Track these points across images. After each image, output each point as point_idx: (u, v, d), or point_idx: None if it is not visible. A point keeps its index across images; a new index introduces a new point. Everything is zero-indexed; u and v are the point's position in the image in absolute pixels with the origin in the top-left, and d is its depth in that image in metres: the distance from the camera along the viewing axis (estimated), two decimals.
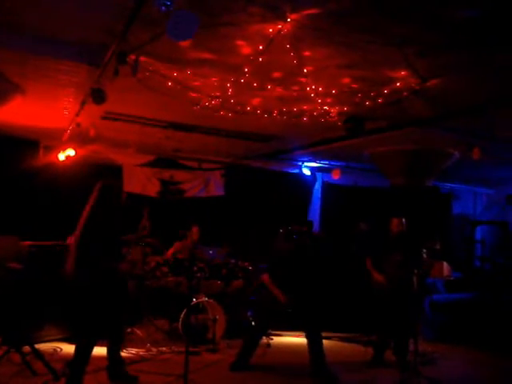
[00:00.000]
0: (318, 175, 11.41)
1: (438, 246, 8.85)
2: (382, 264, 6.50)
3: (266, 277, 6.15)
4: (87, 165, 9.09)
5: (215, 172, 10.50)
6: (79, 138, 7.93)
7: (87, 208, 4.87)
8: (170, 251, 8.14)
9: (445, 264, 9.01)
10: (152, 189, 9.78)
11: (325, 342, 5.86)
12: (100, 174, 9.04)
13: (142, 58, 4.79)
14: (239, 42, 4.46)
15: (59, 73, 5.40)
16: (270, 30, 4.14)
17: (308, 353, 5.75)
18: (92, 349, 4.73)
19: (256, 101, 6.10)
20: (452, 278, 9.35)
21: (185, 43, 4.33)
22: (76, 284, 4.73)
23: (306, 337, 5.83)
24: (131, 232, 6.53)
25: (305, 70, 4.98)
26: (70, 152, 8.76)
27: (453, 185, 12.47)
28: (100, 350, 4.88)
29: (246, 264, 8.01)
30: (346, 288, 8.48)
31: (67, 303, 6.11)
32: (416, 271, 6.36)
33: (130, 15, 3.75)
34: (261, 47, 4.45)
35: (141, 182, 9.68)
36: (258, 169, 10.68)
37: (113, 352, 5.04)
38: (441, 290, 9.60)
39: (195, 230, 8.05)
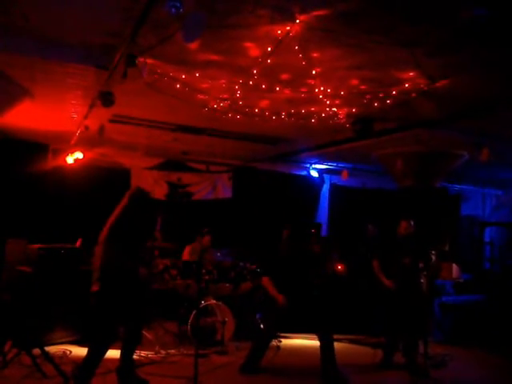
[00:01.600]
0: (326, 177, 11.39)
1: (446, 248, 8.82)
2: (391, 267, 6.46)
3: (265, 280, 6.11)
4: (95, 168, 9.14)
5: (223, 174, 10.51)
6: (88, 141, 7.96)
7: (116, 212, 4.91)
8: (185, 256, 8.13)
9: (454, 266, 8.96)
10: (160, 192, 9.81)
11: (335, 344, 5.83)
12: (108, 177, 9.16)
13: (150, 61, 4.81)
14: (248, 44, 4.45)
15: (67, 76, 5.42)
16: (279, 32, 4.14)
17: (320, 355, 5.74)
18: (105, 352, 4.74)
19: (264, 103, 6.10)
20: (461, 280, 9.30)
21: (193, 45, 4.33)
22: (102, 283, 4.75)
23: (319, 339, 5.80)
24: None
25: (313, 72, 4.97)
26: (79, 155, 8.80)
27: (461, 186, 12.40)
28: (110, 353, 4.87)
29: (254, 266, 8.01)
30: (354, 290, 8.45)
31: (85, 303, 6.13)
32: (425, 273, 6.33)
33: (139, 18, 3.76)
34: (269, 49, 4.45)
35: (149, 184, 9.68)
36: (265, 171, 10.67)
37: (126, 354, 5.04)
38: (450, 292, 9.54)
39: (207, 238, 8.07)
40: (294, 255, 6.23)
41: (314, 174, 11.07)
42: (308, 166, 10.87)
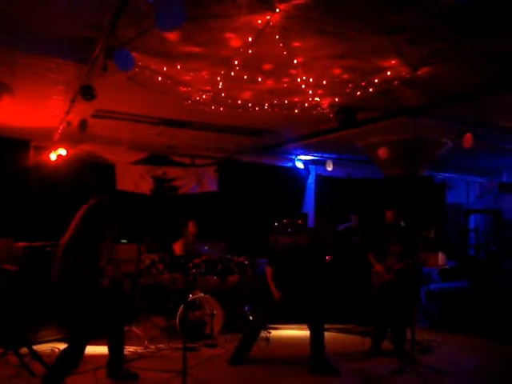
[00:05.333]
0: (312, 168, 11.41)
1: (432, 236, 8.89)
2: (381, 256, 6.50)
3: (268, 270, 6.17)
4: (79, 164, 9.05)
5: (208, 168, 10.46)
6: (71, 137, 7.88)
7: (76, 219, 4.84)
8: (177, 251, 8.07)
9: (440, 254, 9.04)
10: (145, 187, 9.74)
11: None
12: (92, 173, 9.07)
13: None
14: (228, 35, 4.43)
15: (48, 71, 5.35)
16: (259, 22, 4.11)
17: (309, 344, 5.76)
18: (82, 352, 4.62)
19: (247, 94, 6.07)
20: (447, 267, 9.38)
21: (174, 37, 4.30)
22: (60, 289, 4.71)
23: (310, 329, 5.83)
24: None
25: (295, 61, 4.95)
26: (62, 151, 8.72)
27: (446, 174, 12.50)
28: (100, 349, 4.84)
29: (242, 259, 8.00)
30: (343, 279, 8.49)
31: (57, 307, 6.09)
32: (413, 261, 6.37)
33: (117, 9, 3.71)
34: (250, 39, 4.42)
35: (134, 179, 9.63)
36: (251, 163, 10.67)
37: (113, 350, 5.01)
38: (436, 280, 9.62)
39: (192, 224, 8.03)
40: (289, 249, 6.29)
41: (300, 165, 11.08)
42: (293, 157, 10.88)
